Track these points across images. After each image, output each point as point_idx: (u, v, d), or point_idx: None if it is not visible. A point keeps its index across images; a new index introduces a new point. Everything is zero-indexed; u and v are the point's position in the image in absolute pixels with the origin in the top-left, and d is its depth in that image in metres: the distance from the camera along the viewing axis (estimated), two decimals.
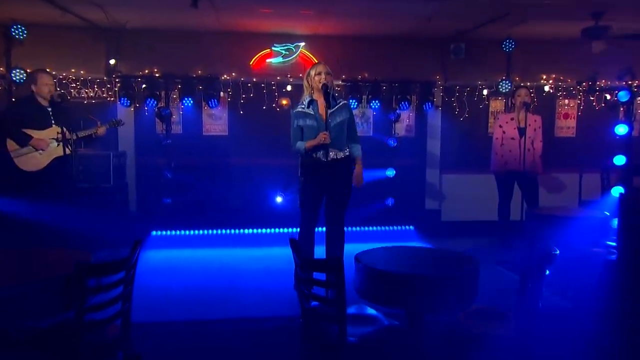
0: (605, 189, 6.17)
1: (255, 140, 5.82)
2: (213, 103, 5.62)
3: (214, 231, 5.63)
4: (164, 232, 5.58)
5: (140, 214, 5.76)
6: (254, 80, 5.83)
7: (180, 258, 5.06)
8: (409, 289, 2.33)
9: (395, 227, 5.92)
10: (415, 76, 6.02)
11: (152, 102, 5.55)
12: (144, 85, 5.64)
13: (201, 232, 5.62)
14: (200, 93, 5.67)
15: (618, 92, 5.51)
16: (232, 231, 5.65)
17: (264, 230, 5.67)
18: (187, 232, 5.62)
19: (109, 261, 2.19)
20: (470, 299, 2.40)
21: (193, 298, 3.87)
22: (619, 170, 5.54)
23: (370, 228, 5.88)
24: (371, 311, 2.83)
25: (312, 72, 3.52)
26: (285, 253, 3.49)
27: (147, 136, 5.83)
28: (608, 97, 6.26)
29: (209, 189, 5.80)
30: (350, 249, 3.52)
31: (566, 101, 6.49)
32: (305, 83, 3.59)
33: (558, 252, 2.34)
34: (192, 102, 5.63)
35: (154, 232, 5.56)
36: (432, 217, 6.24)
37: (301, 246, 3.45)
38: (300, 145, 3.54)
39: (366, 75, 5.95)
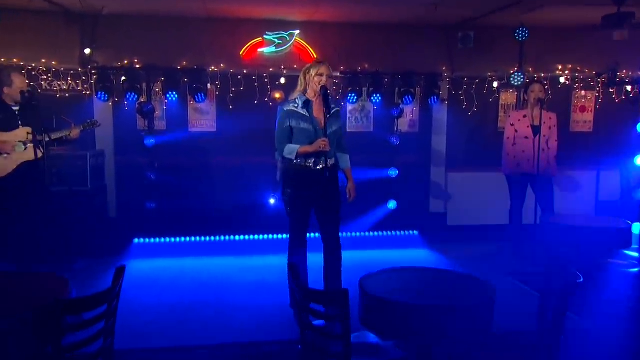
0: (625, 188, 6.20)
1: (246, 137, 5.73)
2: (200, 97, 5.53)
3: (203, 238, 5.61)
4: (147, 240, 5.54)
5: (121, 220, 5.70)
6: (245, 72, 5.75)
7: (165, 269, 5.02)
8: (418, 320, 2.30)
9: (398, 233, 5.92)
10: (420, 67, 5.96)
11: (132, 96, 5.45)
12: (123, 78, 5.52)
13: (188, 239, 5.59)
14: (185, 86, 5.61)
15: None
16: (223, 238, 5.63)
17: (257, 237, 5.65)
18: (173, 240, 5.59)
19: (89, 295, 2.12)
20: (485, 331, 2.37)
21: (180, 318, 3.82)
22: None
23: (372, 234, 5.87)
24: (374, 339, 2.79)
25: (313, 72, 3.41)
26: (280, 262, 3.47)
27: (127, 134, 5.74)
28: (629, 89, 6.23)
29: (197, 191, 5.77)
30: (350, 256, 3.59)
31: (583, 93, 6.46)
32: (301, 78, 3.48)
33: (582, 279, 2.31)
34: (176, 96, 5.55)
35: (136, 240, 5.52)
36: (438, 221, 6.23)
37: (301, 272, 3.43)
38: (292, 149, 3.40)
39: (366, 66, 5.88)
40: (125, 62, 5.57)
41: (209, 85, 5.67)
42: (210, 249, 5.52)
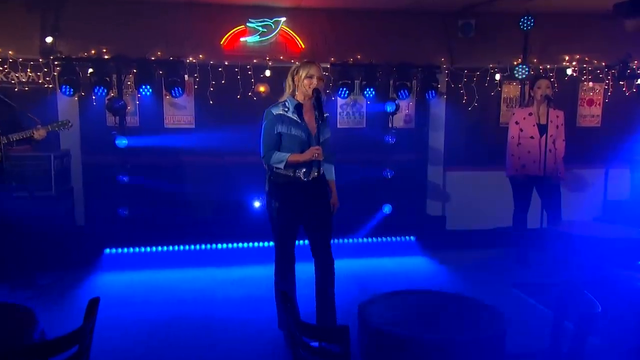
0: (635, 187, 6.24)
1: (228, 134, 5.62)
2: (177, 91, 5.42)
3: (181, 247, 5.53)
4: (119, 250, 5.47)
5: (90, 228, 5.58)
6: (226, 63, 5.66)
7: (140, 282, 4.92)
8: (423, 355, 2.26)
9: (393, 238, 5.92)
10: (417, 59, 5.92)
11: (101, 91, 5.30)
12: (90, 70, 5.38)
13: (165, 248, 5.51)
14: (160, 79, 5.53)
15: None
16: (203, 247, 5.57)
17: (241, 245, 5.60)
18: (148, 249, 5.49)
19: (59, 337, 2.02)
20: None
21: (158, 338, 3.75)
22: None
23: (366, 240, 5.86)
24: None
25: (302, 73, 3.33)
26: (267, 273, 3.44)
27: (96, 132, 5.60)
28: None
29: (174, 194, 5.64)
30: (343, 265, 3.56)
31: (590, 85, 6.46)
32: (289, 81, 3.41)
33: (600, 309, 2.29)
34: (150, 90, 5.42)
35: (107, 250, 5.44)
36: (436, 225, 6.25)
37: (293, 300, 3.39)
38: (280, 157, 3.32)
39: (359, 57, 5.82)
40: (93, 52, 5.43)
41: (186, 77, 5.59)
42: (190, 260, 5.45)
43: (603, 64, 6.25)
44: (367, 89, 5.70)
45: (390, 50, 5.89)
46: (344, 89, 5.62)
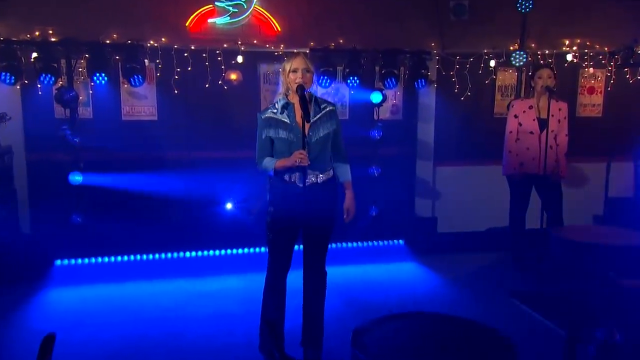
0: None
1: (196, 127, 5.63)
2: (136, 79, 5.26)
3: (145, 257, 5.45)
4: (72, 261, 5.38)
5: (37, 236, 5.38)
6: (192, 47, 5.51)
7: (97, 299, 4.72)
8: None
9: (380, 243, 5.94)
10: (405, 44, 5.83)
11: (48, 79, 5.08)
12: (34, 55, 5.17)
13: (126, 258, 5.42)
14: (117, 65, 5.39)
15: None
16: (170, 255, 5.50)
17: (214, 253, 5.55)
18: (106, 260, 5.39)
19: None
20: None
21: None
22: None
23: (350, 245, 5.87)
24: None
25: (287, 67, 3.30)
26: (245, 285, 3.34)
27: (42, 125, 5.38)
28: None
29: (135, 196, 5.47)
30: (328, 273, 3.49)
31: (591, 70, 6.45)
32: (281, 78, 3.40)
33: (618, 337, 2.22)
34: (106, 78, 5.25)
35: (57, 261, 5.31)
36: (426, 227, 6.22)
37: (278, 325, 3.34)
38: (268, 163, 3.34)
39: (341, 41, 5.72)
40: (37, 34, 5.22)
41: (147, 63, 5.44)
42: (155, 271, 5.33)
43: (606, 49, 6.23)
44: (351, 77, 5.61)
45: (375, 34, 5.80)
46: (325, 77, 5.53)
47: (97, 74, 5.18)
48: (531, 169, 5.03)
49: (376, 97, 5.73)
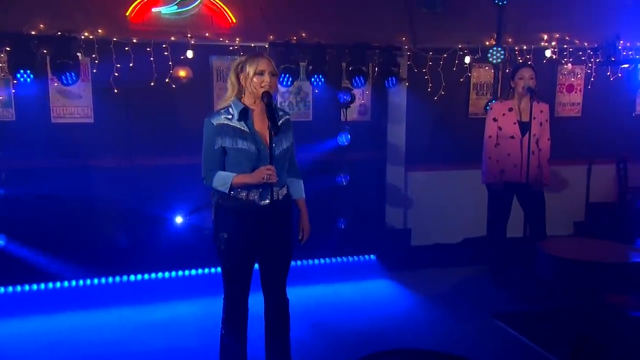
0: (623, 186, 6.42)
1: (139, 130, 5.52)
2: (68, 77, 5.04)
3: (80, 282, 5.26)
4: None
5: None
6: (134, 40, 5.32)
7: (19, 335, 4.42)
8: None
9: (350, 258, 5.95)
10: (374, 38, 5.81)
11: None
12: None
13: (58, 284, 5.22)
14: (45, 60, 5.17)
15: None
16: (111, 280, 5.34)
17: (160, 275, 5.44)
18: (34, 287, 5.17)
19: None
20: None
21: None
22: None
23: (317, 262, 5.83)
24: None
25: (249, 69, 3.17)
26: (199, 312, 3.18)
27: None
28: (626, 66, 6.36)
29: (67, 210, 5.35)
30: (293, 294, 3.45)
31: (570, 67, 6.52)
32: (231, 79, 3.26)
33: None
34: (32, 75, 4.99)
35: None
36: (399, 240, 6.24)
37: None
38: (224, 179, 3.18)
39: (304, 35, 5.67)
40: None
41: (80, 58, 5.23)
42: (93, 298, 5.11)
43: (586, 44, 6.32)
44: (315, 75, 5.57)
45: (342, 28, 5.75)
46: (286, 74, 5.44)
47: (21, 71, 4.93)
48: (513, 177, 5.03)
49: (344, 97, 5.66)
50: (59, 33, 5.02)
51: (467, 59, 6.11)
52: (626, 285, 4.01)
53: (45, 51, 5.06)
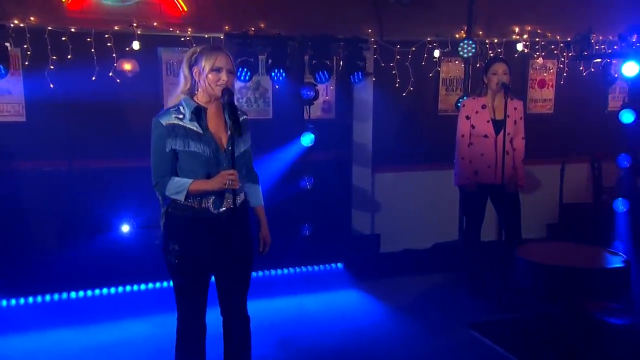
0: (598, 186, 6.52)
1: (78, 129, 5.36)
2: None
3: (13, 301, 5.07)
4: None
5: None
6: (72, 29, 5.15)
7: None
8: None
9: (316, 268, 5.93)
10: (338, 30, 5.78)
11: None
12: None
13: None
14: None
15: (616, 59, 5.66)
16: (49, 297, 5.16)
17: (106, 291, 5.30)
18: None
19: None
20: None
21: None
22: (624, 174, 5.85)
23: (280, 272, 5.78)
24: None
25: (205, 64, 3.03)
26: (151, 332, 2.99)
27: None
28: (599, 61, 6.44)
29: None
30: (255, 308, 3.36)
31: (541, 61, 6.59)
32: (185, 71, 3.10)
33: None
34: None
35: None
36: (367, 246, 6.24)
37: None
38: (180, 185, 3.05)
39: (262, 26, 5.63)
40: None
41: (10, 48, 4.99)
42: (29, 319, 4.88)
43: (558, 37, 6.41)
44: (275, 69, 5.49)
45: (304, 19, 5.76)
46: (244, 68, 5.33)
47: None
48: (487, 179, 5.00)
49: (307, 92, 5.57)
50: None
51: (437, 53, 6.13)
52: (608, 291, 4.03)
53: None
